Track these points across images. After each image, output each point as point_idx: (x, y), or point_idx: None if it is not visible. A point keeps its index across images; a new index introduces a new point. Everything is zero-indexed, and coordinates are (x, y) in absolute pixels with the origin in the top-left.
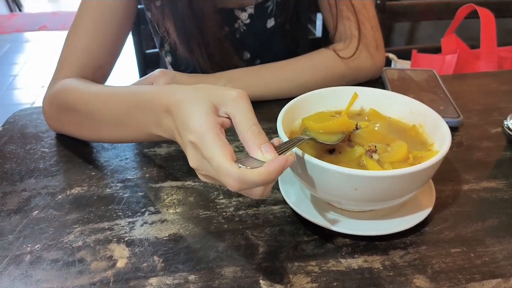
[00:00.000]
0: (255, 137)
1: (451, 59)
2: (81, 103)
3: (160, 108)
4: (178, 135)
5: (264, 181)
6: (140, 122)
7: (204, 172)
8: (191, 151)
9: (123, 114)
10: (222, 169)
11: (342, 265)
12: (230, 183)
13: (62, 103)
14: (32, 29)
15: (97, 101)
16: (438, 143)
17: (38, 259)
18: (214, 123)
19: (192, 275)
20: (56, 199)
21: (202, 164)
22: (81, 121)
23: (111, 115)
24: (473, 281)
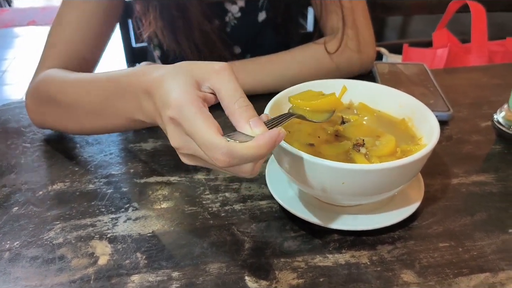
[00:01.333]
0: (242, 111)
1: (442, 53)
2: (61, 93)
3: (139, 90)
4: (158, 116)
5: (255, 155)
6: (120, 109)
7: (187, 151)
8: (171, 128)
9: (102, 102)
10: (208, 143)
11: (329, 261)
12: (218, 158)
13: (43, 95)
14: (21, 24)
15: (76, 90)
16: (426, 137)
17: (17, 256)
18: (195, 96)
19: (176, 272)
20: (37, 195)
21: (184, 141)
22: (62, 112)
23: (91, 103)
24: (461, 276)
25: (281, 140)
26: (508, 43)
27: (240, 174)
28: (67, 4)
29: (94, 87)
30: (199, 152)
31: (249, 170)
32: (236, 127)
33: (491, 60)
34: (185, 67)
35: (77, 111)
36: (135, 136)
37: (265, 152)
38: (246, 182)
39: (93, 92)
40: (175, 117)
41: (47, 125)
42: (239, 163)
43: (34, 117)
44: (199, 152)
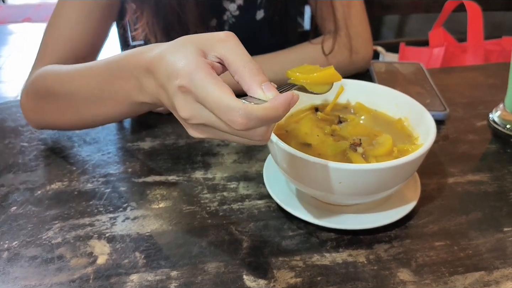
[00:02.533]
0: (253, 74)
1: (438, 52)
2: (58, 85)
3: (139, 69)
4: (163, 92)
5: (271, 117)
6: (120, 92)
7: (198, 121)
8: (180, 98)
9: (101, 87)
10: (224, 106)
11: (326, 260)
12: (235, 120)
13: (40, 90)
14: (16, 21)
15: (73, 79)
16: (423, 136)
17: (16, 256)
18: (204, 63)
19: (174, 271)
20: (35, 194)
21: (195, 109)
22: (60, 105)
23: (89, 90)
24: (456, 274)
25: (295, 103)
26: (505, 42)
27: (253, 139)
28: (63, 2)
29: (92, 73)
30: (211, 120)
31: (263, 134)
32: (248, 91)
33: (487, 59)
34: (188, 39)
35: (75, 101)
36: (133, 135)
37: (281, 114)
38: (244, 181)
39: (91, 78)
40: (184, 85)
41: (45, 123)
42: (255, 126)
43: (31, 117)
44: (211, 120)
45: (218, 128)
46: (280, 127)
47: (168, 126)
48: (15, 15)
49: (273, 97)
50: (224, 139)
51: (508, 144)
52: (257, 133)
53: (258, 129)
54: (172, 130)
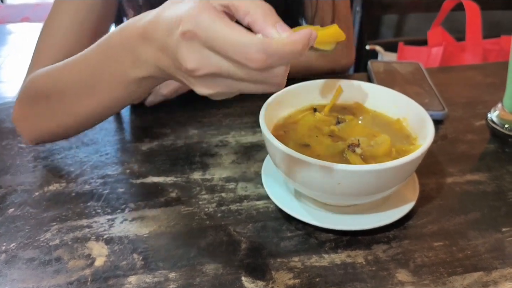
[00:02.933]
0: (266, 14)
1: (437, 51)
2: (49, 84)
3: (133, 40)
4: (162, 54)
5: (290, 52)
6: (115, 72)
7: (208, 69)
8: (185, 47)
9: (94, 73)
10: (237, 42)
11: (325, 261)
12: (253, 57)
13: (31, 95)
14: (15, 21)
15: (64, 73)
16: (421, 137)
17: (13, 258)
18: (209, 5)
19: (173, 273)
20: (33, 196)
21: (203, 57)
22: (52, 106)
23: (81, 80)
24: (455, 275)
25: (314, 40)
26: (503, 41)
27: (271, 81)
28: (58, 7)
29: (83, 61)
30: (222, 66)
31: (281, 75)
32: (261, 31)
33: (485, 59)
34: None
35: (68, 98)
36: (131, 136)
37: (301, 50)
38: (242, 182)
39: (83, 66)
40: (189, 29)
41: (39, 133)
42: (274, 63)
43: (25, 128)
44: (222, 66)
45: (231, 75)
46: (278, 128)
47: (166, 127)
48: (14, 15)
49: (292, 33)
50: (237, 90)
51: (506, 143)
52: (275, 74)
53: (276, 69)
54: (170, 131)
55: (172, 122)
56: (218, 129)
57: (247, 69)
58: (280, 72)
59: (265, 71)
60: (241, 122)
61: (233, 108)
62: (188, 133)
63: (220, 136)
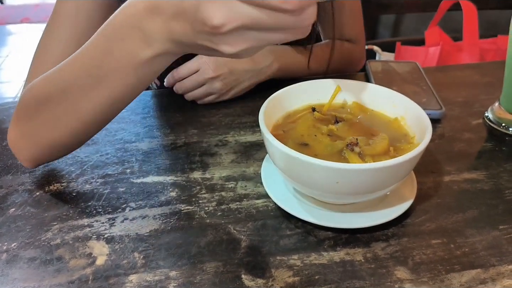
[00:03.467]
0: None
1: (434, 51)
2: (49, 86)
3: (138, 16)
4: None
5: None
6: (123, 56)
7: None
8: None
9: (99, 61)
10: None
11: (324, 258)
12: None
13: (30, 105)
14: (15, 22)
15: (65, 71)
16: (419, 136)
17: (15, 258)
18: None
19: (173, 271)
20: (33, 196)
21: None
22: (55, 110)
23: (86, 73)
24: (453, 272)
25: None
26: (500, 40)
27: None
28: (57, 16)
29: (86, 52)
30: (253, 15)
31: (313, 16)
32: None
33: (483, 58)
34: None
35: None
36: (131, 136)
37: None
38: (242, 181)
39: (86, 57)
40: None
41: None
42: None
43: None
44: (253, 15)
45: (261, 24)
46: (278, 127)
47: (166, 127)
48: (14, 16)
49: None
50: (266, 42)
51: (503, 142)
52: (307, 16)
53: (308, 10)
54: (170, 131)
55: (171, 122)
56: (218, 128)
57: (280, 14)
58: (312, 12)
59: (299, 12)
60: (241, 122)
61: (232, 108)
62: (188, 132)
63: (220, 135)
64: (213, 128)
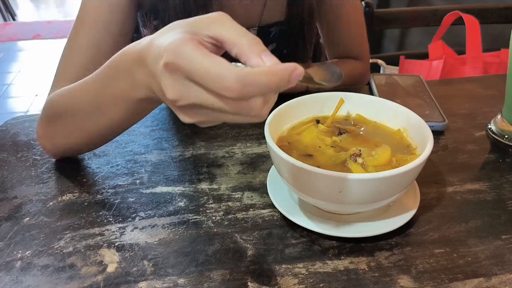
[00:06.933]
0: (252, 44)
1: (437, 64)
2: (62, 104)
3: (131, 63)
4: (152, 79)
5: (268, 82)
6: (117, 93)
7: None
8: (167, 77)
9: (99, 93)
10: (215, 73)
11: (328, 267)
12: (228, 86)
13: (49, 115)
14: (26, 38)
15: (74, 94)
16: (421, 147)
17: (29, 265)
18: (191, 39)
19: (181, 279)
20: (47, 205)
21: (183, 88)
22: (67, 124)
23: (89, 100)
24: (456, 281)
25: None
26: (503, 54)
27: (249, 114)
28: (78, 28)
29: (90, 82)
30: (202, 97)
31: (259, 107)
32: (246, 62)
33: (486, 71)
34: (177, 23)
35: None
36: (141, 148)
37: (279, 82)
38: (248, 191)
39: (91, 87)
40: (170, 61)
41: (58, 149)
42: (251, 93)
43: (47, 144)
44: (202, 97)
45: (210, 105)
46: (283, 139)
47: (174, 139)
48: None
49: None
50: (217, 120)
51: (506, 153)
52: (253, 105)
53: (254, 100)
54: (178, 143)
55: (180, 134)
56: (225, 140)
57: (225, 99)
58: (256, 103)
59: (242, 101)
60: (247, 134)
61: None
62: (196, 144)
63: (227, 147)
64: (220, 140)
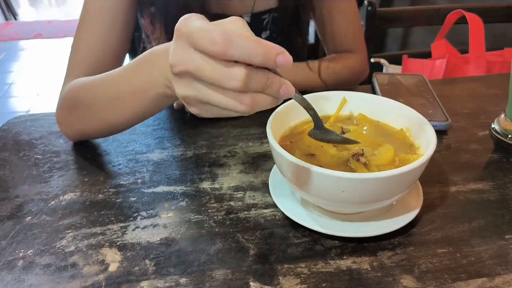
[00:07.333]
0: None
1: (440, 63)
2: (83, 93)
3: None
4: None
5: (253, 50)
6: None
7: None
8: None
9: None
10: (205, 28)
11: (331, 266)
12: (214, 37)
13: (70, 102)
14: (27, 37)
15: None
16: (424, 146)
17: (31, 264)
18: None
19: (183, 278)
20: (49, 205)
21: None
22: (86, 113)
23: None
24: (459, 281)
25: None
26: (506, 53)
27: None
28: (85, 18)
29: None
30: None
31: (240, 78)
32: None
33: (489, 71)
34: None
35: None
36: (142, 147)
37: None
38: (250, 191)
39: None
40: (179, 28)
41: (77, 133)
42: (234, 53)
43: (66, 129)
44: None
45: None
46: (285, 138)
47: (176, 138)
48: (27, 32)
49: None
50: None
51: (510, 153)
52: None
53: (237, 68)
54: (180, 142)
55: (181, 134)
56: (226, 140)
57: (212, 60)
58: (237, 73)
59: (225, 66)
60: (249, 133)
61: (241, 120)
62: (198, 144)
63: (229, 147)
64: (222, 140)
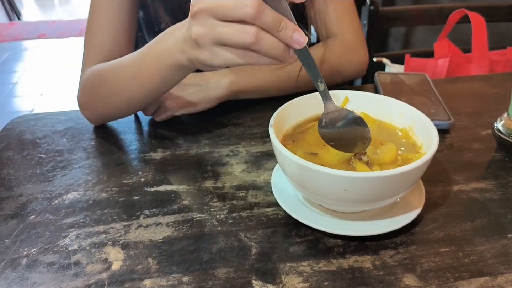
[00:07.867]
0: None
1: (443, 63)
2: (106, 71)
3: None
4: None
5: None
6: (154, 58)
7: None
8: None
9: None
10: None
11: (333, 265)
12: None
13: (93, 83)
14: (31, 37)
15: (120, 64)
16: (426, 145)
17: (35, 262)
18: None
19: (186, 277)
20: (52, 203)
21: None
22: (108, 90)
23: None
24: (461, 279)
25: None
26: (509, 52)
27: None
28: (94, 9)
29: (135, 54)
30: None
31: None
32: None
33: (492, 70)
34: None
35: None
36: (145, 147)
37: None
38: (253, 190)
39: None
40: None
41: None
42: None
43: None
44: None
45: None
46: (287, 137)
47: (179, 137)
48: (31, 32)
49: None
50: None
51: None
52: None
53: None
54: (183, 141)
55: (184, 133)
56: (229, 139)
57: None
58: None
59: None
60: (251, 132)
61: (243, 119)
62: (200, 143)
63: (231, 146)
64: (225, 139)
